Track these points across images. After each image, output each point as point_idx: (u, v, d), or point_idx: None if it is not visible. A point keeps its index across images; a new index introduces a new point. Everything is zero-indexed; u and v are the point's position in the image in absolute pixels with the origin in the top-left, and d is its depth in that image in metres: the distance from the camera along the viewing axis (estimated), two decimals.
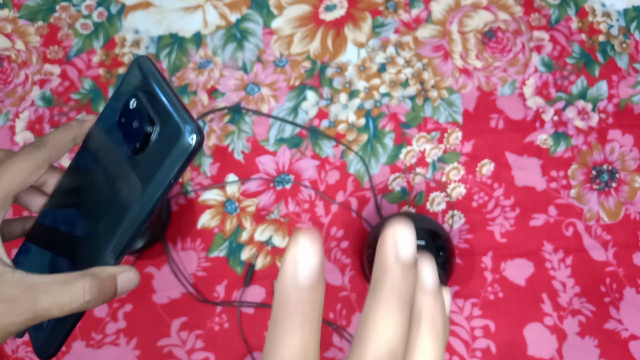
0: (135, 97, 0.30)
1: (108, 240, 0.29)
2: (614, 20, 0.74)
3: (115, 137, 0.31)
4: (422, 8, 0.74)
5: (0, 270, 0.26)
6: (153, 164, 0.28)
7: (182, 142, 0.27)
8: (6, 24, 0.72)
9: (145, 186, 0.28)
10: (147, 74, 0.29)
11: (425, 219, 0.61)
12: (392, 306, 0.19)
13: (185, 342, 0.62)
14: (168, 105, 0.28)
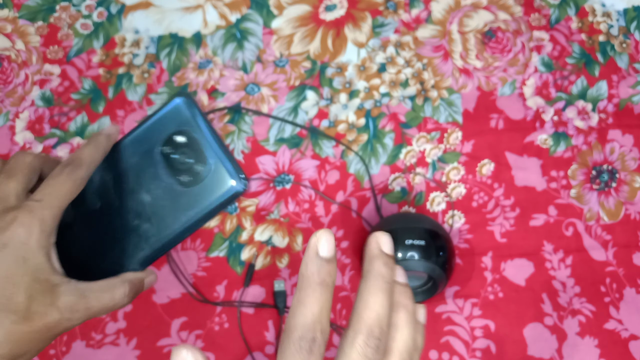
0: (183, 134, 0.34)
1: (138, 251, 0.34)
2: (614, 20, 0.74)
3: (154, 163, 0.34)
4: (422, 8, 0.74)
5: (59, 281, 0.31)
6: (199, 198, 0.33)
7: (232, 188, 0.33)
8: (6, 24, 0.72)
9: (187, 216, 0.33)
10: (198, 116, 0.34)
11: (425, 219, 0.61)
12: (378, 287, 0.27)
13: (185, 342, 0.62)
14: (224, 153, 0.33)
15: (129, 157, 0.35)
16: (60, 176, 0.32)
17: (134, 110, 0.69)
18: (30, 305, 0.29)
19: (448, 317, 0.63)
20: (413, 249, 0.57)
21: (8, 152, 0.67)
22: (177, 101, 0.34)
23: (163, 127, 0.35)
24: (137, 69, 0.71)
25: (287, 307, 0.63)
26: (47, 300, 0.30)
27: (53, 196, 0.31)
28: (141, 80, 0.71)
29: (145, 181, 0.34)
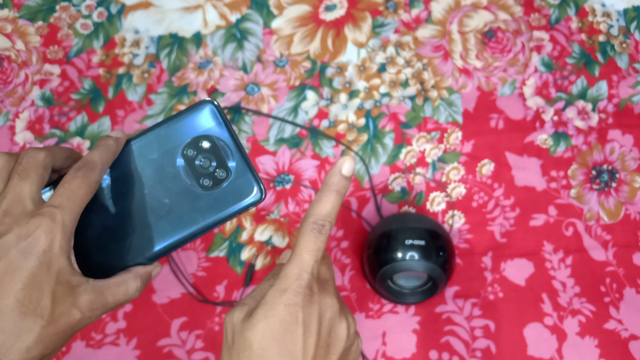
0: (208, 139, 0.35)
1: (150, 248, 0.36)
2: (614, 20, 0.74)
3: (175, 163, 0.36)
4: (422, 8, 0.74)
5: (79, 282, 0.33)
6: (218, 203, 0.35)
7: (251, 198, 0.35)
8: (6, 24, 0.72)
9: (204, 218, 0.35)
10: (223, 124, 0.35)
11: (425, 219, 0.61)
12: (334, 194, 0.36)
13: (185, 342, 0.62)
14: (245, 162, 0.35)
15: (149, 154, 0.36)
16: (75, 180, 0.33)
17: (134, 110, 0.69)
18: (54, 308, 0.31)
19: (448, 317, 0.63)
20: (413, 249, 0.57)
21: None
22: (205, 106, 0.35)
23: (189, 129, 0.35)
24: (137, 69, 0.71)
25: None
26: (69, 301, 0.32)
27: (71, 201, 0.33)
28: (141, 80, 0.71)
29: (164, 180, 0.36)
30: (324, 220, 0.35)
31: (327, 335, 0.35)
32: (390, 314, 0.63)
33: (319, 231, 0.35)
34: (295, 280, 0.34)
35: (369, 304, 0.63)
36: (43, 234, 0.31)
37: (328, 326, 0.35)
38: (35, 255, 0.31)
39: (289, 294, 0.34)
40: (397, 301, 0.62)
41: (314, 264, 0.35)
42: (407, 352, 0.62)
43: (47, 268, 0.31)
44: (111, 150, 0.36)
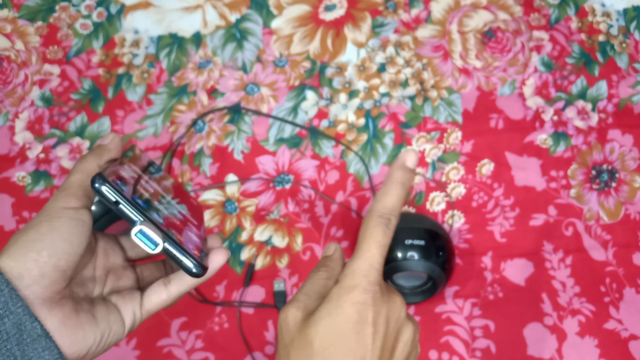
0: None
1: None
2: (613, 20, 0.74)
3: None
4: (422, 8, 0.74)
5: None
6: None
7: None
8: (6, 24, 0.72)
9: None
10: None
11: (425, 219, 0.61)
12: (399, 187, 0.36)
13: (185, 342, 0.62)
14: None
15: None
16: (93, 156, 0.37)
17: (134, 111, 0.69)
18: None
19: (448, 317, 0.63)
20: (413, 249, 0.57)
21: (7, 152, 0.67)
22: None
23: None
24: (137, 69, 0.71)
25: None
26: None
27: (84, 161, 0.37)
28: (141, 80, 0.71)
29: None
30: (389, 214, 0.35)
31: (393, 338, 0.33)
32: None
33: (386, 225, 0.34)
34: (364, 277, 0.33)
35: None
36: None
37: (395, 328, 0.33)
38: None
39: (358, 291, 0.32)
40: None
41: (382, 260, 0.34)
42: None
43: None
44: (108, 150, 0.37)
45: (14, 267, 0.30)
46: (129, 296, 0.37)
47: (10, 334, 0.29)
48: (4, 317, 0.29)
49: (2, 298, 0.29)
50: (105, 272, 0.37)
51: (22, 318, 0.30)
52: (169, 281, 0.37)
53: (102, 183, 0.32)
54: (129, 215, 0.33)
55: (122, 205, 0.33)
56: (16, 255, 0.31)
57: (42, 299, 0.31)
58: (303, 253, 0.65)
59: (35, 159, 0.67)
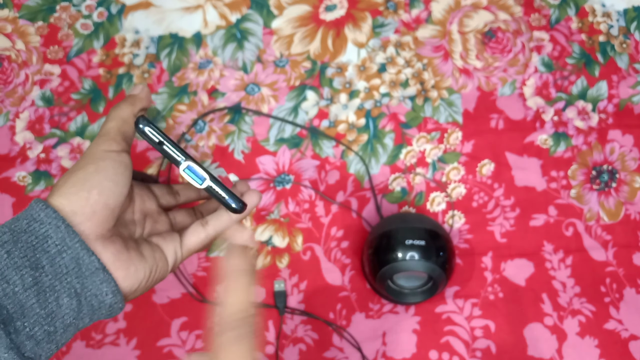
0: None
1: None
2: (614, 20, 0.74)
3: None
4: (422, 8, 0.74)
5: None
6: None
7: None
8: (6, 24, 0.72)
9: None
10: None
11: (425, 219, 0.61)
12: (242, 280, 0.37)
13: (185, 342, 0.62)
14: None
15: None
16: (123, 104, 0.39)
17: None
18: None
19: (448, 317, 0.63)
20: (413, 249, 0.57)
21: (8, 152, 0.68)
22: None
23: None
24: (138, 69, 0.71)
25: (287, 307, 0.63)
26: None
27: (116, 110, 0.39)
28: (141, 80, 0.71)
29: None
30: (244, 314, 0.35)
31: None
32: (390, 314, 0.63)
33: (248, 334, 0.33)
34: None
35: (369, 304, 0.63)
36: None
37: None
38: None
39: None
40: (397, 301, 0.62)
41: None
42: (407, 352, 0.62)
43: None
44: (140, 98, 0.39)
45: (66, 205, 0.32)
46: (169, 237, 0.38)
47: (70, 267, 0.31)
48: (63, 252, 0.31)
49: (60, 234, 0.31)
50: (143, 216, 0.39)
51: (79, 252, 0.31)
52: (207, 222, 0.39)
53: (146, 124, 0.34)
54: (172, 154, 0.35)
55: (165, 145, 0.35)
56: (68, 194, 0.32)
57: (96, 235, 0.32)
58: (303, 253, 0.65)
59: (35, 158, 0.67)
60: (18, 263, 0.30)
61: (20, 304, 0.29)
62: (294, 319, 0.63)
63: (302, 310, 0.63)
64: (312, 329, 0.62)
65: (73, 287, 0.31)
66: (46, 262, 0.30)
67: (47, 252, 0.30)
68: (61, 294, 0.30)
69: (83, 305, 0.31)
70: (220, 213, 0.38)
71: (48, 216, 0.31)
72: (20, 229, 0.31)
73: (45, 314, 0.30)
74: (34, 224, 0.31)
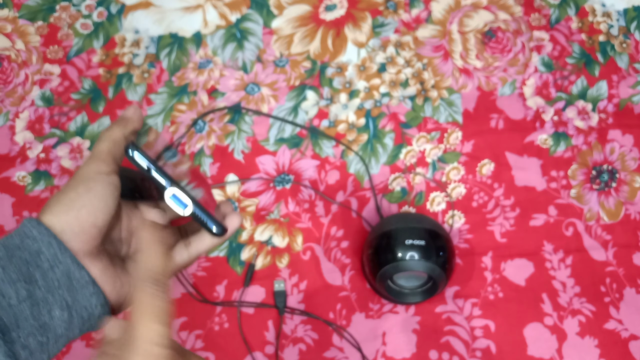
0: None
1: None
2: (614, 20, 0.74)
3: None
4: (422, 8, 0.74)
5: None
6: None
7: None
8: (6, 24, 0.72)
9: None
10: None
11: (425, 219, 0.61)
12: (155, 245, 0.35)
13: (185, 342, 0.62)
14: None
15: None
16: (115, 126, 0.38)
17: None
18: None
19: (448, 317, 0.63)
20: (413, 249, 0.57)
21: (8, 152, 0.67)
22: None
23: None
24: (137, 69, 0.71)
25: (287, 307, 0.63)
26: None
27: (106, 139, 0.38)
28: (141, 80, 0.71)
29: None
30: (160, 275, 0.33)
31: None
32: (390, 314, 0.63)
33: (162, 291, 0.32)
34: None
35: (369, 304, 0.63)
36: None
37: None
38: None
39: None
40: (397, 301, 0.62)
41: (168, 329, 0.30)
42: (407, 352, 0.62)
43: None
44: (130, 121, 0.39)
45: (57, 223, 0.33)
46: None
47: (61, 281, 0.33)
48: (54, 266, 0.33)
49: (52, 250, 0.33)
50: (129, 234, 0.40)
51: (70, 267, 0.33)
52: (189, 243, 0.40)
53: (135, 150, 0.36)
54: (159, 180, 0.37)
55: (153, 171, 0.36)
56: (59, 213, 0.34)
57: (84, 251, 0.34)
58: (303, 253, 0.65)
59: (35, 158, 0.67)
60: (13, 277, 0.32)
61: (15, 316, 0.31)
62: (294, 319, 0.63)
63: (302, 310, 0.63)
64: (312, 329, 0.62)
65: (64, 299, 0.33)
66: (39, 276, 0.32)
67: (39, 267, 0.32)
68: (53, 306, 0.32)
69: (74, 317, 0.33)
70: (202, 235, 0.40)
71: (40, 233, 0.33)
72: (14, 245, 0.33)
73: (39, 325, 0.32)
74: (27, 240, 0.33)
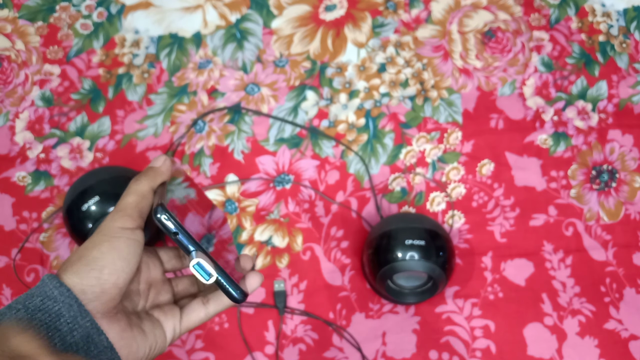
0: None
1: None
2: (613, 20, 0.74)
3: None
4: (422, 8, 0.74)
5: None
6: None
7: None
8: (6, 24, 0.72)
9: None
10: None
11: (425, 219, 0.61)
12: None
13: (185, 342, 0.62)
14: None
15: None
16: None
17: (134, 110, 0.69)
18: None
19: (448, 317, 0.63)
20: (413, 249, 0.57)
21: (8, 152, 0.67)
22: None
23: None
24: (137, 69, 0.71)
25: (287, 307, 0.63)
26: None
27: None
28: (141, 80, 0.71)
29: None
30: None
31: None
32: (390, 314, 0.63)
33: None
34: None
35: (369, 304, 0.63)
36: None
37: None
38: None
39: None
40: (397, 301, 0.62)
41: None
42: (407, 352, 0.62)
43: None
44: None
45: (77, 284, 0.32)
46: (170, 312, 0.39)
47: (80, 345, 0.32)
48: (74, 330, 0.31)
49: (72, 312, 0.31)
50: (147, 286, 0.39)
51: (90, 331, 0.32)
52: (208, 301, 0.39)
53: (163, 213, 0.35)
54: (186, 245, 0.36)
55: (180, 235, 0.35)
56: (80, 272, 0.33)
57: (102, 313, 0.33)
58: (303, 253, 0.65)
59: (35, 158, 0.67)
60: None
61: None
62: (294, 319, 0.63)
63: (302, 310, 0.63)
64: (312, 329, 0.62)
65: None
66: (58, 340, 0.31)
67: (59, 330, 0.31)
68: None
69: None
70: (222, 295, 0.39)
71: (62, 294, 0.32)
72: (35, 307, 0.32)
73: None
74: (47, 301, 0.32)
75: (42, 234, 0.65)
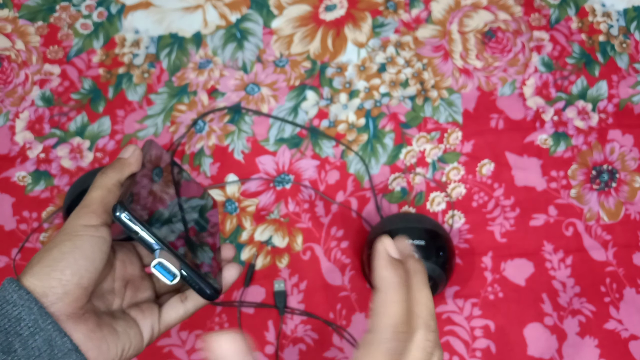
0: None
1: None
2: (614, 20, 0.74)
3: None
4: (422, 8, 0.74)
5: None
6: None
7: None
8: (6, 24, 0.72)
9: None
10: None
11: (425, 219, 0.61)
12: (394, 295, 0.31)
13: (185, 342, 0.62)
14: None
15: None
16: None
17: (134, 110, 0.69)
18: None
19: (448, 317, 0.63)
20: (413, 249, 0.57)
21: (8, 152, 0.68)
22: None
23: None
24: (137, 69, 0.71)
25: (287, 307, 0.63)
26: None
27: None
28: (141, 80, 0.71)
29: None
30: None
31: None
32: None
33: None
34: None
35: (369, 304, 0.63)
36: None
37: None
38: None
39: None
40: None
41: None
42: None
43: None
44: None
45: (38, 286, 0.31)
46: (148, 311, 0.37)
47: (42, 349, 0.30)
48: (35, 334, 0.30)
49: (32, 316, 0.30)
50: (124, 284, 0.37)
51: (52, 334, 0.31)
52: (186, 297, 0.38)
53: (122, 212, 0.33)
54: (148, 243, 0.34)
55: (141, 234, 0.33)
56: (40, 274, 0.32)
57: (67, 315, 0.32)
58: (303, 253, 0.65)
59: (35, 158, 0.67)
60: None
61: None
62: (294, 319, 0.63)
63: (302, 310, 0.63)
64: (312, 329, 0.62)
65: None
66: (18, 345, 0.30)
67: (19, 335, 0.30)
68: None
69: None
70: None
71: (21, 298, 0.30)
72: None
73: None
74: (6, 306, 0.30)
75: (42, 234, 0.65)
